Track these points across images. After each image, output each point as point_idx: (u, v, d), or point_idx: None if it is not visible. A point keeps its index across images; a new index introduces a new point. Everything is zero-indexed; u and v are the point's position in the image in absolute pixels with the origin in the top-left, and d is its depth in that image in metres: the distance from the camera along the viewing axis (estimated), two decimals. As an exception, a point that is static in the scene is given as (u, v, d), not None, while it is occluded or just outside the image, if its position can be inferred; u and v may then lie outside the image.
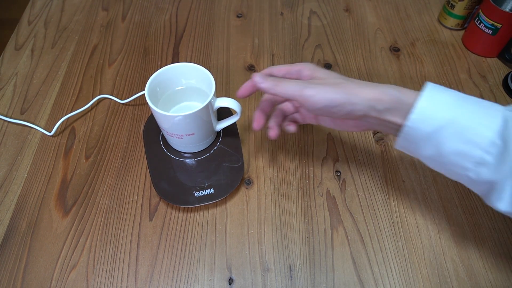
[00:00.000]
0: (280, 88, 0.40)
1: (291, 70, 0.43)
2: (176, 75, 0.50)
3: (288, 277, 0.45)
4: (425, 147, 0.37)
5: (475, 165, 0.34)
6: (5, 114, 0.59)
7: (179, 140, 0.49)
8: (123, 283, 0.44)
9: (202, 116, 0.46)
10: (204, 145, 0.52)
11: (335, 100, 0.38)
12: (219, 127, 0.52)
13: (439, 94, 0.36)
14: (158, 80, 0.49)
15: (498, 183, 0.34)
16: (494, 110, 0.34)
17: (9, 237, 0.47)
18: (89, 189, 0.51)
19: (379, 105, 0.37)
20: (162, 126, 0.49)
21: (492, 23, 0.63)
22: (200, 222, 0.49)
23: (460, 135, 0.34)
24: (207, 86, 0.49)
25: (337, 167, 0.54)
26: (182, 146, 0.52)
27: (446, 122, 0.34)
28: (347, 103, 0.38)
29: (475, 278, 0.45)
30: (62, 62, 0.66)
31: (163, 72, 0.49)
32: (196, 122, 0.47)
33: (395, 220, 0.49)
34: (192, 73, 0.50)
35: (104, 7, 0.76)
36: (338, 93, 0.38)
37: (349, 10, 0.76)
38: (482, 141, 0.34)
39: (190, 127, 0.47)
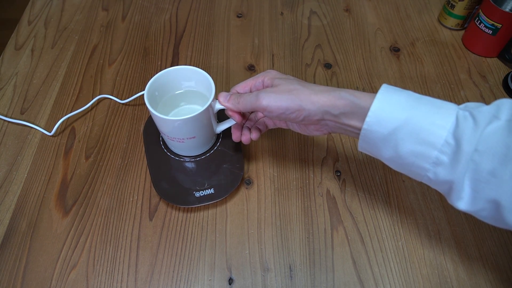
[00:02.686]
0: (241, 104, 0.43)
1: (256, 83, 0.45)
2: (175, 78, 0.50)
3: (288, 277, 0.45)
4: (384, 149, 0.37)
5: (432, 165, 0.35)
6: (5, 114, 0.59)
7: (181, 144, 0.49)
8: (123, 283, 0.44)
9: (203, 119, 0.46)
10: (205, 148, 0.52)
11: (289, 108, 0.39)
12: (220, 129, 0.51)
13: (394, 95, 0.36)
14: (157, 84, 0.48)
15: (456, 182, 0.34)
16: (447, 109, 0.34)
17: (9, 237, 0.47)
18: (89, 189, 0.51)
19: (333, 110, 0.38)
20: (162, 131, 0.48)
21: (492, 23, 0.63)
22: (200, 222, 0.49)
23: (415, 135, 0.34)
24: (206, 89, 0.49)
25: (337, 167, 0.54)
26: (184, 150, 0.52)
27: (401, 123, 0.34)
28: (300, 109, 0.39)
29: (475, 278, 0.45)
30: (62, 62, 0.66)
31: (162, 75, 0.49)
32: (197, 125, 0.46)
33: (395, 220, 0.49)
34: (191, 76, 0.50)
35: (104, 7, 0.76)
36: (291, 100, 0.39)
37: (349, 10, 0.76)
38: (437, 141, 0.34)
39: (192, 130, 0.47)
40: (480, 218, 0.35)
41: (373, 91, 0.62)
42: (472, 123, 0.33)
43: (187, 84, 0.51)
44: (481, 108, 0.34)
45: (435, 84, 0.64)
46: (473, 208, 0.34)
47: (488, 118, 0.33)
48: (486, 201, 0.33)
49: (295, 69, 0.65)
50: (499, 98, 0.35)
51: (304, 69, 0.65)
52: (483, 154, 0.32)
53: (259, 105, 0.40)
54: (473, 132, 0.32)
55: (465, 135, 0.32)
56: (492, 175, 0.31)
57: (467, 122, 0.33)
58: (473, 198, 0.33)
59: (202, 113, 0.44)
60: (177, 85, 0.51)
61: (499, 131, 0.32)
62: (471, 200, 0.34)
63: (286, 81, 0.41)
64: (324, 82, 0.63)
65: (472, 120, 0.33)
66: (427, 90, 0.63)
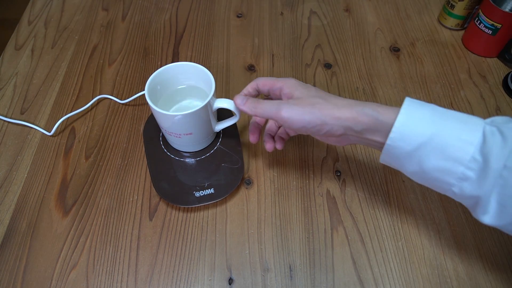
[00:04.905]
0: (258, 110, 0.42)
1: (274, 86, 0.43)
2: (176, 74, 0.50)
3: (288, 277, 0.45)
4: (407, 163, 0.36)
5: (458, 180, 0.34)
6: (5, 114, 0.59)
7: (178, 139, 0.49)
8: (123, 283, 0.44)
9: (201, 116, 0.46)
10: (203, 145, 0.52)
11: (311, 122, 0.39)
12: (218, 127, 0.52)
13: (418, 110, 0.35)
14: (158, 79, 0.49)
15: (482, 197, 0.34)
16: (473, 125, 0.34)
17: (9, 237, 0.47)
18: (89, 189, 0.51)
19: (356, 126, 0.37)
20: (161, 125, 0.49)
21: (492, 23, 0.63)
22: (200, 222, 0.49)
23: (441, 151, 0.34)
24: (207, 86, 0.49)
25: (337, 167, 0.54)
26: (181, 145, 0.52)
27: (426, 139, 0.34)
28: (323, 124, 0.38)
29: (475, 278, 0.45)
30: (62, 62, 0.66)
31: (164, 71, 0.49)
32: (194, 122, 0.46)
33: (395, 220, 0.49)
34: (192, 73, 0.50)
35: (104, 7, 0.76)
36: (313, 115, 0.38)
37: (349, 10, 0.76)
38: (464, 156, 0.33)
39: (189, 126, 0.47)
40: (506, 232, 0.35)
41: (373, 91, 0.62)
42: (501, 140, 0.32)
43: (189, 80, 0.52)
44: (509, 124, 0.34)
45: (435, 84, 0.64)
46: (500, 223, 0.34)
47: None
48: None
49: (295, 69, 0.65)
50: (499, 99, 0.35)
51: (304, 69, 0.65)
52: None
53: (279, 117, 0.39)
54: (502, 148, 0.32)
55: (493, 151, 0.32)
56: None
57: (495, 138, 0.33)
58: (500, 212, 0.33)
59: (200, 110, 0.44)
60: (179, 81, 0.51)
61: None
62: (498, 214, 0.33)
63: (309, 93, 0.40)
64: (324, 82, 0.63)
65: (500, 137, 0.33)
66: (427, 90, 0.63)
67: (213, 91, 0.46)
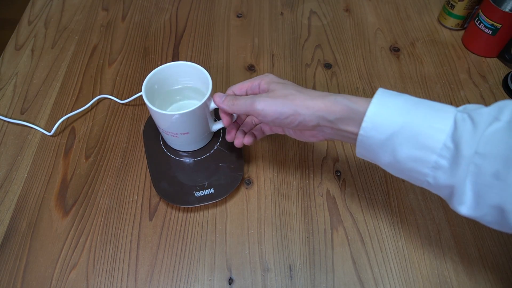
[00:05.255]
0: (236, 107, 0.42)
1: (252, 86, 0.44)
2: (174, 74, 0.50)
3: (288, 277, 0.45)
4: (381, 154, 0.36)
5: (431, 170, 0.34)
6: (5, 114, 0.59)
7: (175, 138, 0.49)
8: (123, 283, 0.44)
9: (198, 116, 0.46)
10: (200, 144, 0.52)
11: (284, 113, 0.39)
12: (216, 127, 0.51)
13: (390, 99, 0.35)
14: (156, 78, 0.48)
15: (456, 186, 0.33)
16: (445, 112, 0.34)
17: (9, 237, 0.47)
18: (89, 189, 0.51)
19: (329, 115, 0.37)
20: (158, 124, 0.49)
21: (492, 23, 0.63)
22: (200, 222, 0.49)
23: (413, 140, 0.34)
24: (204, 86, 0.49)
25: (337, 167, 0.54)
26: (178, 145, 0.52)
27: (398, 128, 0.34)
28: (296, 115, 0.38)
29: (475, 278, 0.45)
30: (62, 62, 0.66)
31: (161, 70, 0.49)
32: (191, 121, 0.46)
33: (395, 220, 0.49)
34: (190, 72, 0.50)
35: (104, 7, 0.76)
36: (286, 106, 0.39)
37: (349, 10, 0.76)
38: (435, 145, 0.33)
39: (185, 126, 0.47)
40: (483, 223, 0.34)
41: (373, 91, 0.62)
42: (471, 126, 0.32)
43: (186, 80, 0.51)
44: (480, 110, 0.33)
45: (435, 84, 0.64)
46: (477, 213, 0.33)
47: (488, 120, 0.32)
48: (490, 205, 0.32)
49: (295, 69, 0.65)
50: (499, 99, 0.35)
51: (304, 69, 0.65)
52: (485, 156, 0.31)
53: (253, 109, 0.40)
54: (472, 134, 0.32)
55: (464, 137, 0.32)
56: (496, 177, 0.31)
57: (466, 124, 0.32)
58: (477, 203, 0.33)
59: (196, 109, 0.44)
60: (176, 80, 0.51)
61: (500, 133, 0.31)
62: (474, 205, 0.33)
63: (283, 86, 0.41)
64: (324, 82, 0.63)
65: (470, 122, 0.32)
66: (427, 90, 0.63)
67: (210, 90, 0.46)
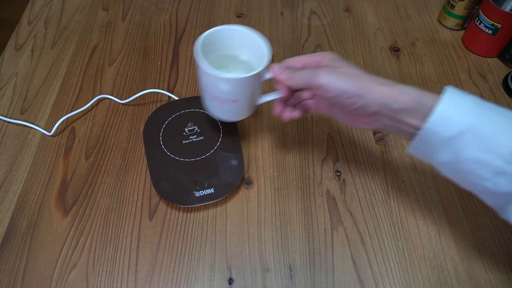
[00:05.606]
0: (293, 79, 0.41)
1: (311, 61, 0.42)
2: (224, 39, 0.48)
3: (288, 277, 0.45)
4: (442, 152, 0.35)
5: (494, 175, 0.33)
6: (5, 114, 0.59)
7: (221, 105, 0.47)
8: (123, 283, 0.44)
9: (252, 83, 0.45)
10: (242, 115, 0.51)
11: (348, 92, 0.37)
12: (263, 100, 0.49)
13: (461, 98, 0.34)
14: (207, 41, 0.46)
15: None
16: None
17: (9, 237, 0.47)
18: (89, 189, 0.51)
19: (394, 104, 0.36)
20: (207, 88, 0.46)
21: (492, 23, 0.63)
22: (200, 222, 0.49)
23: (480, 142, 0.33)
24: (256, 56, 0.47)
25: (337, 167, 0.54)
26: (221, 112, 0.50)
27: (467, 128, 0.33)
28: (360, 96, 0.37)
29: (475, 278, 0.45)
30: (62, 62, 0.66)
31: (214, 33, 0.46)
32: (245, 89, 0.45)
33: (395, 220, 0.49)
34: (242, 39, 0.48)
35: (104, 7, 0.76)
36: (351, 85, 0.37)
37: (349, 10, 0.76)
38: (503, 150, 0.32)
39: (238, 92, 0.45)
40: None
41: (373, 91, 0.62)
42: None
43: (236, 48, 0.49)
44: None
45: (435, 84, 0.64)
46: None
47: None
48: None
49: (295, 69, 0.65)
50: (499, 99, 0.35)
51: (304, 69, 0.65)
52: None
53: (316, 82, 0.38)
54: None
55: None
56: None
57: None
58: None
59: (253, 76, 0.43)
60: (226, 46, 0.49)
61: None
62: None
63: (348, 65, 0.39)
64: (324, 82, 0.63)
65: None
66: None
67: (267, 61, 0.44)
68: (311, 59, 0.42)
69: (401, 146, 0.56)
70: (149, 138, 0.54)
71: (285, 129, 0.58)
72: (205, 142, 0.53)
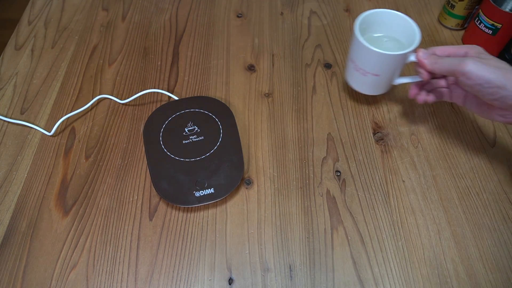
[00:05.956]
0: (439, 65, 0.43)
1: (456, 52, 0.45)
2: (380, 21, 0.54)
3: (288, 277, 0.45)
4: None
5: None
6: (5, 114, 0.59)
7: (362, 77, 0.53)
8: (123, 283, 0.44)
9: (396, 62, 0.50)
10: (380, 91, 0.56)
11: (492, 81, 0.39)
12: (399, 81, 0.54)
13: None
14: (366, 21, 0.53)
15: None
16: None
17: (9, 237, 0.47)
18: (89, 189, 0.51)
19: None
20: (356, 59, 0.52)
21: (492, 23, 0.63)
22: (200, 222, 0.49)
23: None
24: (406, 39, 0.53)
25: (337, 167, 0.54)
26: (359, 83, 0.56)
27: None
28: (502, 88, 0.38)
29: (475, 278, 0.45)
30: (62, 62, 0.66)
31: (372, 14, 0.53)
32: (388, 65, 0.50)
33: (395, 220, 0.49)
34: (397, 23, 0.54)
35: (104, 7, 0.76)
36: (496, 75, 0.38)
37: (349, 10, 0.76)
38: None
39: (381, 67, 0.51)
40: None
41: (373, 91, 0.62)
42: None
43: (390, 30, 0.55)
44: None
45: (435, 84, 0.64)
46: None
47: None
48: None
49: (295, 69, 0.65)
50: None
51: (304, 69, 0.65)
52: None
53: (461, 69, 0.40)
54: None
55: None
56: None
57: None
58: None
59: (399, 56, 0.48)
60: (379, 28, 0.55)
61: None
62: None
63: (495, 58, 0.41)
64: (324, 82, 0.63)
65: None
66: (427, 90, 0.63)
67: (416, 44, 0.49)
68: (457, 50, 0.45)
69: (401, 146, 0.56)
70: (149, 138, 0.54)
71: (285, 129, 0.58)
72: (205, 142, 0.53)
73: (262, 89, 0.63)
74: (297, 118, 0.59)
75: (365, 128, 0.58)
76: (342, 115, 0.59)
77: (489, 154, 0.55)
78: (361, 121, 0.58)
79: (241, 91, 0.62)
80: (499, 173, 0.53)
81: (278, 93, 0.62)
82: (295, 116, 0.59)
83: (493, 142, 0.56)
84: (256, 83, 0.63)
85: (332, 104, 0.60)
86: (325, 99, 0.61)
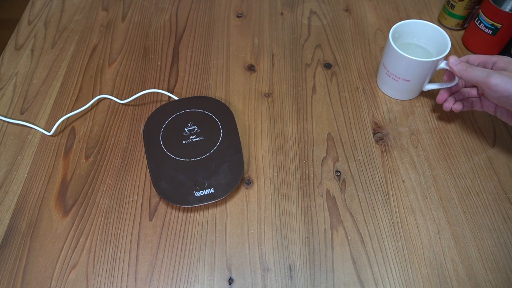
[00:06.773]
0: (467, 73, 0.44)
1: (488, 61, 0.46)
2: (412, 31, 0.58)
3: (288, 277, 0.45)
4: None
5: None
6: (5, 114, 0.59)
7: (394, 82, 0.56)
8: (123, 283, 0.44)
9: (426, 68, 0.52)
10: (409, 96, 0.59)
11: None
12: (429, 87, 0.57)
13: None
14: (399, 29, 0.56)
15: None
16: None
17: (9, 237, 0.47)
18: (89, 189, 0.51)
19: None
20: (389, 65, 0.56)
21: (492, 23, 0.63)
22: (200, 222, 0.49)
23: None
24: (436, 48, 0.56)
25: (337, 167, 0.54)
26: (392, 90, 0.59)
27: None
28: None
29: (475, 278, 0.45)
30: (62, 62, 0.66)
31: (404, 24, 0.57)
32: (419, 71, 0.53)
33: (395, 220, 0.49)
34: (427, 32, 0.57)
35: (104, 7, 0.76)
36: None
37: (349, 10, 0.76)
38: None
39: (412, 73, 0.53)
40: None
41: (373, 91, 0.62)
42: None
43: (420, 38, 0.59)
44: None
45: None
46: None
47: None
48: None
49: (295, 69, 0.65)
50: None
51: (304, 69, 0.65)
52: None
53: (487, 81, 0.41)
54: None
55: None
56: None
57: None
58: None
59: (430, 62, 0.51)
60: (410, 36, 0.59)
61: None
62: None
63: None
64: (324, 82, 0.63)
65: None
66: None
67: (447, 52, 0.51)
68: (488, 58, 0.46)
69: (401, 146, 0.56)
70: (149, 138, 0.54)
71: (285, 129, 0.58)
72: (205, 142, 0.53)
73: (262, 89, 0.63)
74: (297, 118, 0.59)
75: (365, 128, 0.58)
76: (342, 115, 0.59)
77: (489, 154, 0.55)
78: (361, 121, 0.58)
79: (241, 91, 0.62)
80: (499, 173, 0.53)
81: (278, 93, 0.62)
82: (295, 116, 0.59)
83: (493, 142, 0.56)
84: (256, 83, 0.63)
85: (332, 104, 0.60)
86: (325, 99, 0.61)
